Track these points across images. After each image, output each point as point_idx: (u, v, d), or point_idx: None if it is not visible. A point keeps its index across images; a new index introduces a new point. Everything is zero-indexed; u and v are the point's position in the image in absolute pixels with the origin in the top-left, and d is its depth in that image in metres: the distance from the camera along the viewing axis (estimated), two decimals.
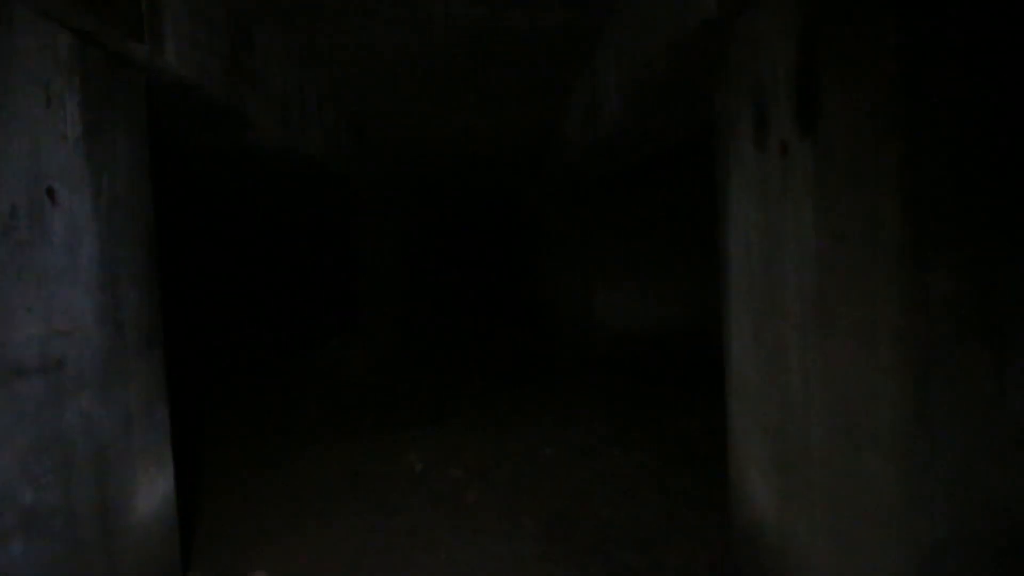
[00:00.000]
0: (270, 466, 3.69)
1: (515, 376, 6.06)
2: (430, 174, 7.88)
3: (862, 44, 1.38)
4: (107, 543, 1.82)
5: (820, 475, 1.61)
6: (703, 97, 2.52)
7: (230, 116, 2.89)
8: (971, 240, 1.31)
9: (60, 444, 1.65)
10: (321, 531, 2.81)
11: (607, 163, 4.80)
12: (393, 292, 7.77)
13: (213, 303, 7.61)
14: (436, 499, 3.13)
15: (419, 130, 5.72)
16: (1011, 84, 1.30)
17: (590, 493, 3.12)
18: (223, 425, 4.66)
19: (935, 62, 1.29)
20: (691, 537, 2.62)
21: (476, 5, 2.97)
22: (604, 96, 3.52)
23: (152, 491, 2.06)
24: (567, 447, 3.86)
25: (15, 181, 1.57)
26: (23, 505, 1.51)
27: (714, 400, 4.80)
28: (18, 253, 1.56)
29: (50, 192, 1.69)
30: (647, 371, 5.88)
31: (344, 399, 5.40)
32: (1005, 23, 1.30)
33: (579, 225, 6.69)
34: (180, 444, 2.64)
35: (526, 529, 2.76)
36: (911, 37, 1.28)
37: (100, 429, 1.83)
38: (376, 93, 4.49)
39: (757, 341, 1.96)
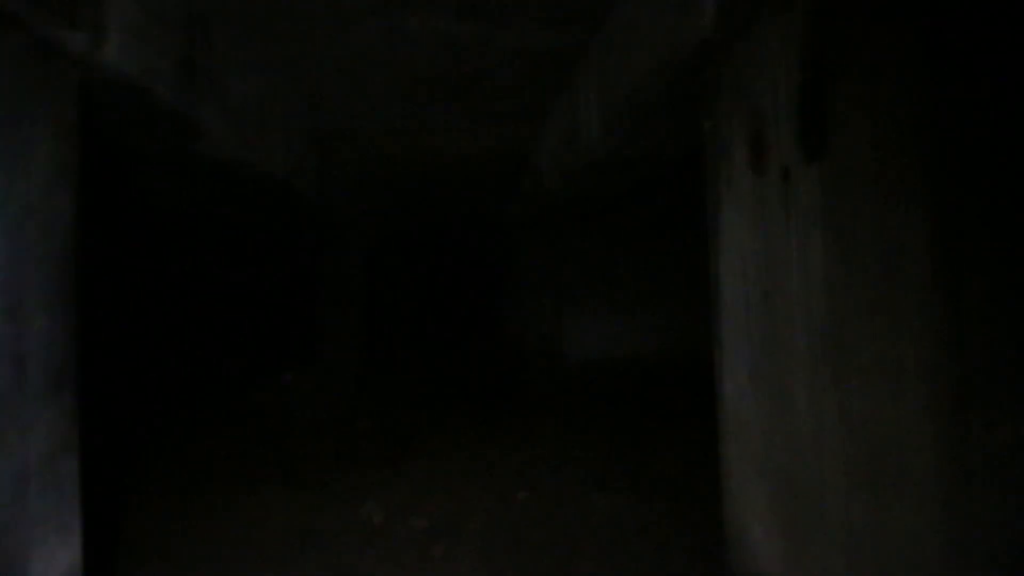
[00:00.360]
0: (205, 521, 3.29)
1: (484, 409, 5.79)
2: (399, 197, 7.69)
3: (881, 59, 1.30)
4: None
5: (837, 529, 1.44)
6: (690, 121, 2.44)
7: (179, 123, 2.64)
8: (1010, 263, 1.20)
9: None
10: None
11: (585, 189, 4.72)
12: (356, 320, 7.44)
13: (151, 331, 7.09)
14: (398, 556, 2.82)
15: (390, 152, 5.56)
16: None
17: (572, 546, 2.87)
18: (155, 474, 4.21)
19: (962, 74, 1.21)
20: None
21: (463, 21, 2.86)
22: (584, 120, 3.45)
23: (51, 566, 1.72)
24: (542, 491, 3.62)
25: None
26: None
27: (691, 432, 4.69)
28: None
29: None
30: (621, 401, 5.71)
31: (297, 439, 5.00)
32: None
33: (551, 250, 6.59)
34: (98, 499, 2.29)
35: None
36: (936, 47, 1.20)
37: None
38: (346, 110, 4.31)
39: (757, 379, 1.81)
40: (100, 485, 3.82)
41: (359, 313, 7.52)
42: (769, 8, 1.67)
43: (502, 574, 2.62)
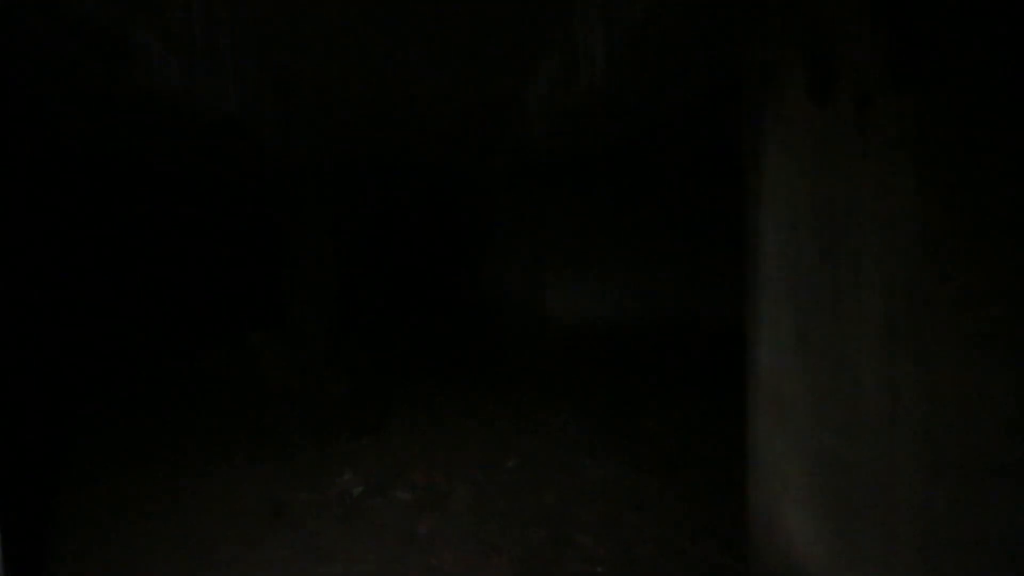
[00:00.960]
0: (165, 501, 2.98)
1: (466, 376, 5.57)
2: (372, 150, 7.17)
3: None
4: None
5: (909, 522, 1.25)
6: (714, 48, 2.12)
7: (108, 45, 2.19)
8: None
9: None
10: None
11: (576, 140, 4.37)
12: (325, 283, 7.02)
13: (91, 294, 6.52)
14: (380, 534, 2.59)
15: (359, 97, 5.05)
16: None
17: (567, 518, 2.69)
18: (101, 450, 3.84)
19: None
20: (695, 573, 2.26)
21: None
22: (584, 53, 3.08)
23: None
24: (531, 458, 3.43)
25: None
26: None
27: (681, 399, 4.58)
28: None
29: None
30: (606, 367, 5.56)
31: (265, 407, 4.68)
32: None
33: (533, 209, 6.25)
34: (33, 483, 1.96)
35: (498, 570, 2.29)
36: None
37: None
38: (306, 47, 3.80)
39: (806, 349, 1.58)
40: (43, 466, 3.45)
41: (330, 273, 7.10)
42: None
43: (493, 554, 2.42)
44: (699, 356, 5.51)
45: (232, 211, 7.17)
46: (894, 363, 1.28)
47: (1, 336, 4.99)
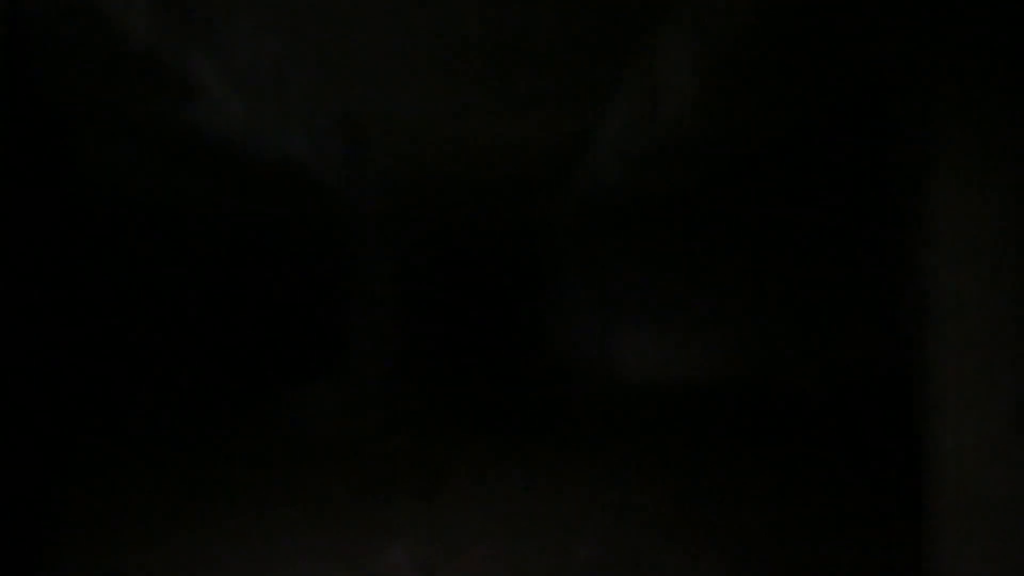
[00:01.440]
0: (181, 568, 2.73)
1: (528, 435, 5.15)
2: (434, 194, 7.16)
3: None
4: None
5: None
6: (831, 59, 1.76)
7: (162, 73, 2.05)
8: None
9: None
10: None
11: (650, 182, 4.05)
12: (386, 328, 6.91)
13: (144, 340, 6.68)
14: None
15: (427, 138, 5.01)
16: None
17: None
18: (135, 501, 3.70)
19: None
20: None
21: None
22: (669, 84, 2.79)
23: None
24: (607, 549, 2.94)
25: None
26: None
27: (780, 479, 3.93)
28: None
29: None
30: (681, 433, 4.98)
31: (312, 459, 4.46)
32: None
33: (601, 257, 5.91)
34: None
35: None
36: None
37: None
38: (374, 84, 3.76)
39: None
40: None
41: (390, 321, 7.00)
42: None
43: None
44: (804, 426, 4.82)
45: (294, 261, 7.30)
46: None
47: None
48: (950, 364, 1.36)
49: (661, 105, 2.98)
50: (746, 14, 1.98)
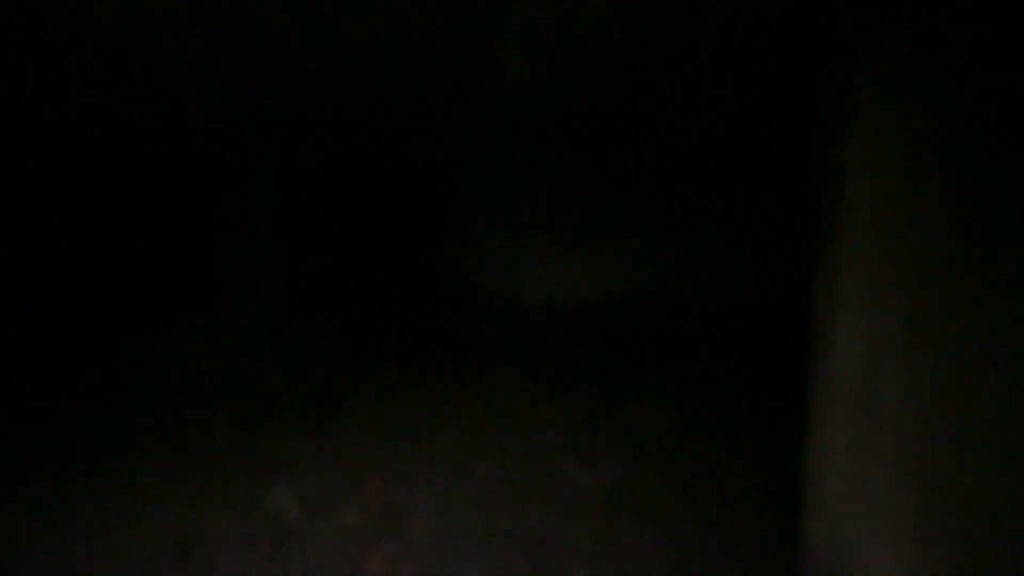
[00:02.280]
0: (43, 520, 2.33)
1: (427, 361, 5.00)
2: (321, 99, 6.35)
3: None
4: None
5: None
6: None
7: None
8: None
9: None
10: None
11: (564, 89, 3.76)
12: (270, 252, 6.25)
13: None
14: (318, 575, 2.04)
15: (306, 35, 4.27)
16: None
17: (555, 542, 2.21)
18: None
19: None
20: None
21: None
22: None
23: None
24: (507, 461, 2.92)
25: None
26: None
27: (680, 389, 4.16)
28: None
29: None
30: (589, 351, 5.10)
31: (186, 398, 4.00)
32: None
33: (510, 173, 5.64)
34: None
35: None
36: None
37: None
38: None
39: (932, 341, 1.09)
40: None
41: (273, 245, 6.32)
42: None
43: None
44: (700, 341, 5.10)
45: (156, 169, 6.24)
46: None
47: None
48: (843, 283, 1.31)
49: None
50: None
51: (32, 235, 5.60)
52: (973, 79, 0.93)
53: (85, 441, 3.25)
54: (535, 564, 2.07)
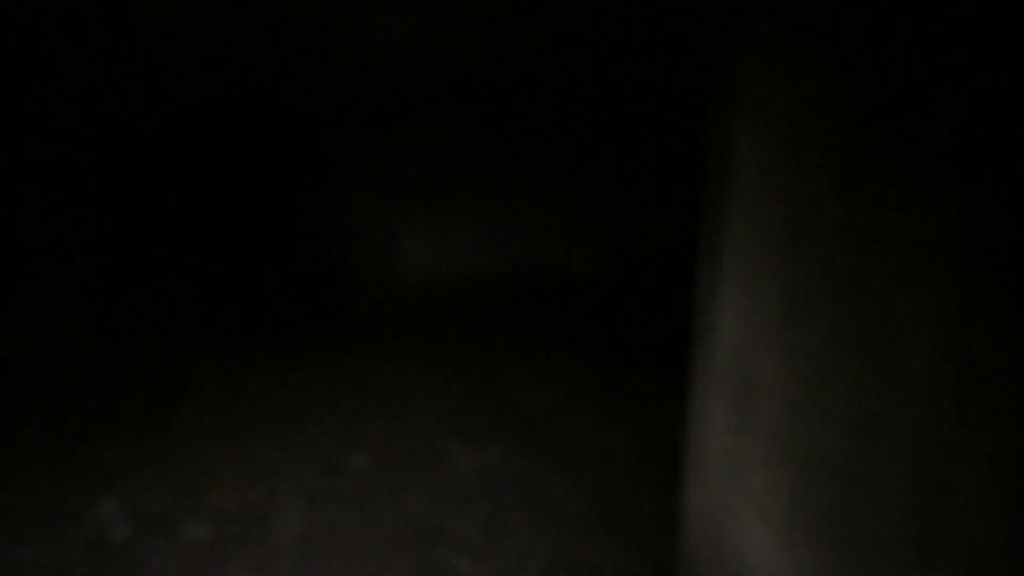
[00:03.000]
0: None
1: (294, 341, 4.59)
2: (193, 58, 5.42)
3: None
4: None
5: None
6: None
7: None
8: None
9: None
10: None
11: (434, 48, 3.53)
12: (90, 214, 5.30)
13: None
14: None
15: None
16: None
17: (437, 532, 2.11)
18: None
19: None
20: None
21: None
22: None
23: None
24: (386, 449, 2.76)
25: None
26: None
27: (562, 364, 4.20)
28: None
29: None
30: (470, 329, 5.01)
31: (6, 401, 3.27)
32: None
33: (386, 145, 5.30)
34: None
35: None
36: None
37: None
38: None
39: (814, 314, 1.13)
40: None
41: (92, 208, 5.36)
42: None
43: None
44: (585, 317, 5.22)
45: None
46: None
47: None
48: (727, 259, 1.32)
49: None
50: None
51: None
52: (847, 27, 0.93)
53: None
54: (417, 561, 1.96)
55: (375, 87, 4.88)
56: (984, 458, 0.74)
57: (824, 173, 1.02)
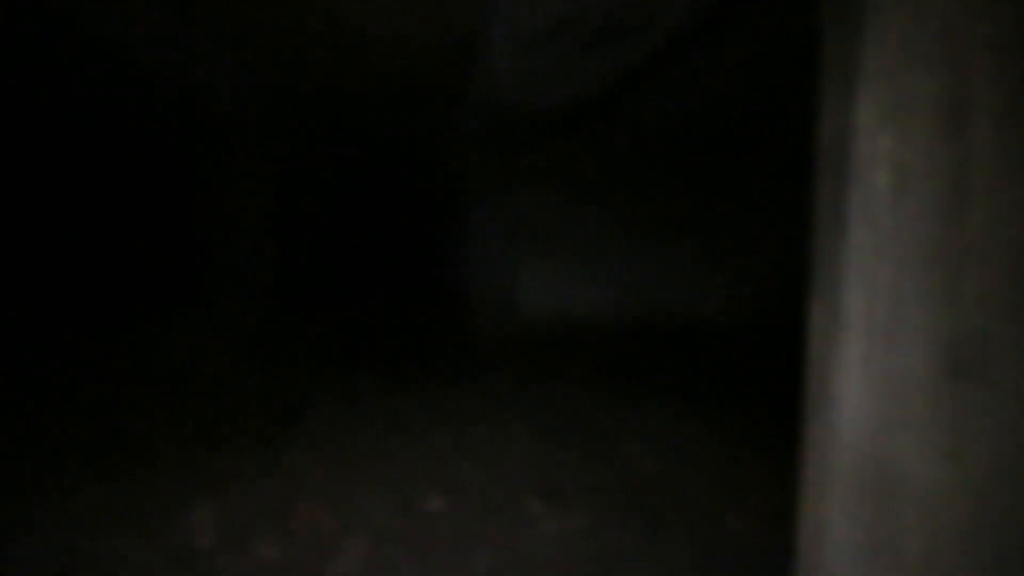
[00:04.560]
0: None
1: (408, 373, 4.73)
2: (312, 101, 6.26)
3: None
4: None
5: None
6: None
7: None
8: None
9: None
10: None
11: (550, 76, 3.52)
12: (261, 253, 6.12)
13: None
14: None
15: (285, 25, 4.15)
16: None
17: None
18: None
19: None
20: None
21: None
22: None
23: None
24: (464, 495, 2.61)
25: None
26: None
27: (678, 416, 3.77)
28: None
29: None
30: (588, 371, 4.76)
31: (144, 401, 3.81)
32: None
33: (506, 179, 5.40)
34: None
35: None
36: None
37: None
38: None
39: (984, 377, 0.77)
40: None
41: (264, 245, 6.20)
42: None
43: None
44: (705, 363, 4.72)
45: (136, 168, 6.18)
46: None
47: None
48: (848, 300, 1.00)
49: None
50: None
51: (25, 231, 5.57)
52: None
53: (42, 445, 3.05)
54: None
55: (493, 121, 5.03)
56: None
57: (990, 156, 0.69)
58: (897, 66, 0.85)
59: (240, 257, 5.91)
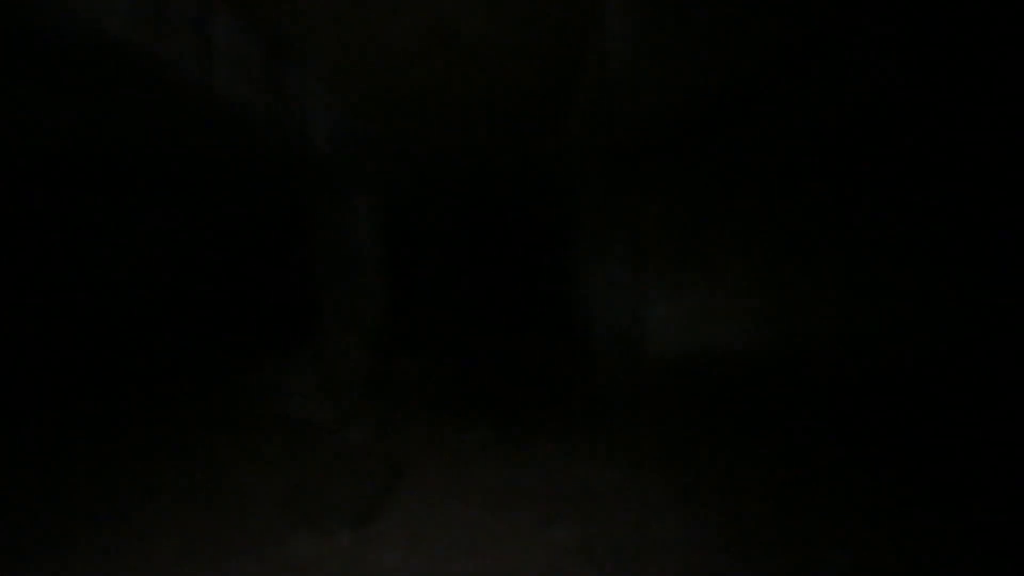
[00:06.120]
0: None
1: (526, 427, 4.16)
2: (420, 140, 6.13)
3: None
4: None
5: None
6: None
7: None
8: None
9: None
10: None
11: (677, 81, 2.85)
12: (370, 297, 6.03)
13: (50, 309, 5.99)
14: None
15: (393, 69, 3.96)
16: None
17: None
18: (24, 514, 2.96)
19: None
20: None
21: None
22: None
23: None
24: (563, 557, 1.93)
25: None
26: None
27: (816, 472, 2.77)
28: None
29: None
30: (729, 419, 3.85)
31: (248, 454, 3.63)
32: None
33: (625, 197, 4.72)
34: None
35: None
36: None
37: None
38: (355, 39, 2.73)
39: None
40: None
41: (374, 288, 6.10)
42: None
43: None
44: (863, 411, 3.62)
45: (248, 219, 6.43)
46: None
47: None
48: None
49: None
50: None
51: (151, 284, 6.00)
52: None
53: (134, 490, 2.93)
54: None
55: (607, 135, 4.40)
56: None
57: None
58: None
59: (352, 300, 5.84)
